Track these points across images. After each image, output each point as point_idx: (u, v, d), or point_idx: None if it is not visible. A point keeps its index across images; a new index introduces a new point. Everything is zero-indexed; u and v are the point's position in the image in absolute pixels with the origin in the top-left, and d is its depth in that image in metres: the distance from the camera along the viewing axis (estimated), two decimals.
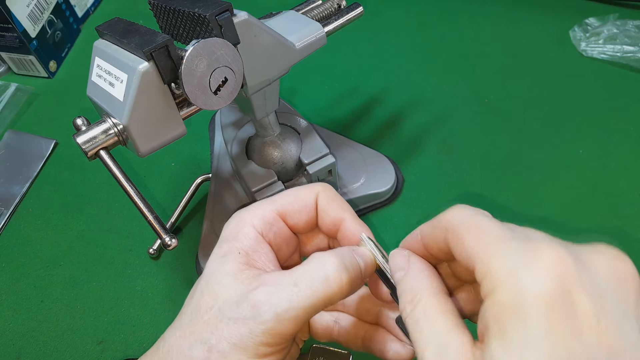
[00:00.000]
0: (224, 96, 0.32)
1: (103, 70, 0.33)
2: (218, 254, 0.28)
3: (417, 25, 0.70)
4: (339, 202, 0.30)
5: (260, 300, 0.25)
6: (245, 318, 0.24)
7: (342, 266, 0.26)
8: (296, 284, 0.25)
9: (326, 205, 0.29)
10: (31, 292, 0.48)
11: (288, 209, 0.29)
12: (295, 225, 0.30)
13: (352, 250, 0.28)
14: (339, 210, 0.29)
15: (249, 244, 0.28)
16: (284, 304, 0.24)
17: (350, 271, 0.26)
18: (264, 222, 0.28)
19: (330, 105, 0.61)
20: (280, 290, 0.25)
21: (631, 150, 0.53)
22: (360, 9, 0.41)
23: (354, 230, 0.29)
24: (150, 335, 0.45)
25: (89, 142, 0.32)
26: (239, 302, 0.25)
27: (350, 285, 0.26)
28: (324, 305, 0.25)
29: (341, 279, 0.25)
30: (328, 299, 0.25)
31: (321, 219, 0.30)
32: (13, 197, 0.55)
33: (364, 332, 0.32)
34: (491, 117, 0.58)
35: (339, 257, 0.26)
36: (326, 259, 0.26)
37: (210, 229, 0.48)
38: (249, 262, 0.27)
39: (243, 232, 0.28)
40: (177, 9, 0.33)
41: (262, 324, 0.24)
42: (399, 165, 0.54)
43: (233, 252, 0.27)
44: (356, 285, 0.27)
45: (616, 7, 0.67)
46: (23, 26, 0.63)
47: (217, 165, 0.52)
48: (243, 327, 0.24)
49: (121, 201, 0.54)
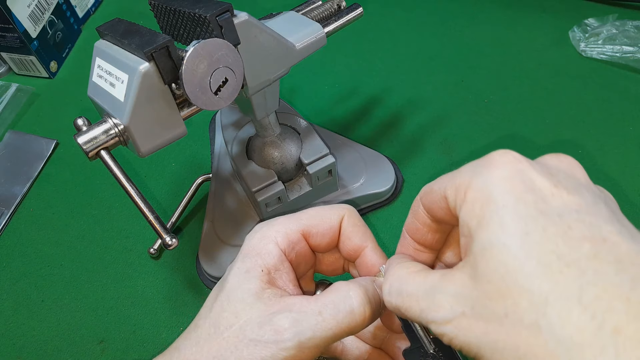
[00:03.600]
0: (225, 97, 0.32)
1: (104, 71, 0.33)
2: (241, 269, 0.27)
3: (417, 25, 0.70)
4: (363, 230, 0.30)
5: (283, 326, 0.24)
6: (267, 342, 0.24)
7: (366, 299, 0.26)
8: (321, 313, 0.25)
9: (350, 232, 0.29)
10: (32, 292, 0.48)
11: (312, 230, 0.29)
12: (318, 246, 0.30)
13: (374, 281, 0.28)
14: (362, 237, 0.29)
15: (272, 262, 0.27)
16: (308, 333, 0.24)
17: (372, 304, 0.26)
18: (288, 240, 0.28)
19: (330, 105, 0.61)
20: (304, 319, 0.25)
21: (631, 150, 0.53)
22: (360, 10, 0.41)
23: (374, 260, 0.29)
24: (150, 335, 0.45)
25: (89, 142, 0.32)
26: (262, 324, 0.25)
27: (372, 318, 0.26)
28: (345, 336, 0.25)
29: (365, 311, 0.25)
30: (350, 330, 0.25)
31: (343, 243, 0.30)
32: (14, 197, 0.55)
33: (368, 355, 0.32)
34: (491, 117, 0.58)
35: (363, 289, 0.26)
36: (352, 291, 0.26)
37: (211, 229, 0.48)
38: (270, 280, 0.27)
39: (267, 249, 0.28)
40: (178, 10, 0.33)
41: (284, 351, 0.24)
42: (399, 165, 0.54)
43: (256, 269, 0.27)
44: (376, 317, 0.27)
45: (615, 8, 0.67)
46: (24, 26, 0.63)
47: (217, 165, 0.52)
48: (265, 351, 0.24)
49: (122, 201, 0.54)
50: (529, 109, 0.58)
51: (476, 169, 0.21)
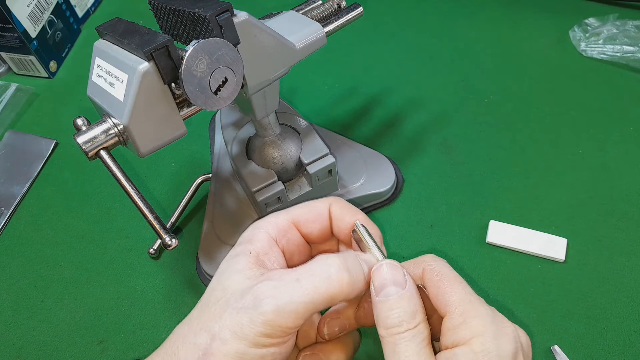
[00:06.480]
0: (224, 96, 0.32)
1: (103, 71, 0.33)
2: (231, 255, 0.29)
3: (417, 25, 0.70)
4: (352, 210, 0.32)
5: (263, 292, 0.26)
6: (247, 308, 0.25)
7: (345, 266, 0.27)
8: (298, 280, 0.26)
9: (340, 213, 0.31)
10: (31, 292, 0.48)
11: (302, 218, 0.31)
12: (309, 234, 0.32)
13: (357, 255, 0.29)
14: (352, 214, 0.31)
15: (261, 246, 0.29)
16: (285, 298, 0.25)
17: (352, 272, 0.27)
18: (278, 229, 0.30)
19: (330, 105, 0.61)
20: (282, 285, 0.26)
21: (631, 151, 0.53)
22: (360, 9, 0.41)
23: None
24: (150, 334, 0.45)
25: (89, 142, 0.32)
26: (244, 293, 0.26)
27: (351, 287, 0.27)
28: (325, 303, 0.26)
29: (342, 278, 0.27)
30: (329, 296, 0.26)
31: (337, 227, 0.32)
32: (13, 197, 0.55)
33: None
34: (491, 117, 0.58)
35: (342, 258, 0.28)
36: (330, 259, 0.27)
37: (211, 229, 0.48)
38: (258, 262, 0.29)
39: (257, 237, 0.30)
40: (178, 9, 0.33)
41: (262, 315, 0.25)
42: (399, 165, 0.54)
43: (245, 252, 0.29)
44: (357, 288, 0.28)
45: (616, 7, 0.67)
46: (23, 26, 0.63)
47: (217, 165, 0.52)
48: (244, 317, 0.25)
49: (121, 201, 0.54)
50: (529, 109, 0.58)
51: (491, 321, 0.27)
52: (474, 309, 0.27)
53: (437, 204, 0.51)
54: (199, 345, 0.26)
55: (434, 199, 0.51)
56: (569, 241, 0.47)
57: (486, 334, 0.26)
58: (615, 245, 0.47)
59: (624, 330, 0.42)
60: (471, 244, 0.48)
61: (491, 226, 0.48)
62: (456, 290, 0.27)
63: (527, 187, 0.51)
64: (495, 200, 0.51)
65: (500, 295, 0.45)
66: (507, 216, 0.49)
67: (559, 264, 0.46)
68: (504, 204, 0.50)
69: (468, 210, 0.50)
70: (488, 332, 0.26)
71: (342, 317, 0.32)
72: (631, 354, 0.41)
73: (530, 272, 0.46)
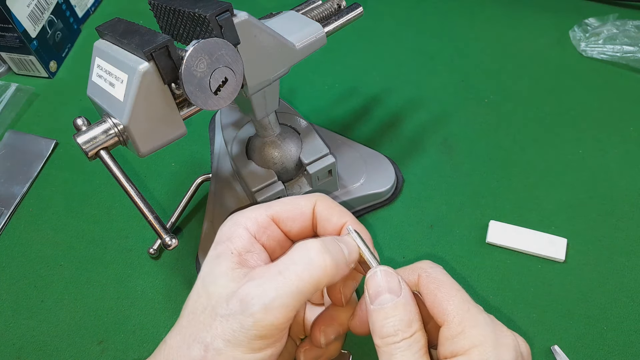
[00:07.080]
0: (224, 96, 0.32)
1: (103, 71, 0.33)
2: (212, 256, 0.28)
3: (417, 25, 0.70)
4: (339, 209, 0.31)
5: (248, 293, 0.25)
6: (235, 313, 0.25)
7: (324, 248, 0.26)
8: (280, 272, 0.26)
9: (327, 213, 0.30)
10: (31, 292, 0.48)
11: (282, 215, 0.30)
12: (289, 232, 0.31)
13: (336, 238, 0.28)
14: (339, 216, 0.30)
15: (242, 245, 0.28)
16: (271, 294, 0.25)
17: (333, 254, 0.27)
18: (258, 225, 0.29)
19: (330, 105, 0.61)
20: (266, 282, 0.25)
21: (631, 151, 0.53)
22: (360, 9, 0.41)
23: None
24: (150, 335, 0.45)
25: (89, 142, 0.32)
26: (229, 299, 0.26)
27: (335, 269, 0.26)
28: (311, 289, 0.26)
29: (324, 259, 0.26)
30: (314, 281, 0.26)
31: (323, 228, 0.30)
32: (13, 197, 0.55)
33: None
34: (491, 117, 0.58)
35: (321, 241, 0.27)
36: (309, 244, 0.27)
37: (211, 229, 0.48)
38: (241, 261, 0.28)
39: (237, 234, 0.29)
40: (178, 9, 0.33)
41: (251, 317, 0.25)
42: (399, 165, 0.54)
43: (226, 252, 0.28)
44: (341, 270, 0.27)
45: (616, 7, 0.67)
46: (23, 26, 0.63)
47: (217, 165, 0.52)
48: (234, 323, 0.25)
49: (121, 201, 0.54)
50: (529, 109, 0.58)
51: (490, 331, 0.26)
52: (473, 317, 0.26)
53: (437, 204, 0.51)
54: (193, 358, 0.25)
55: (433, 199, 0.51)
56: (569, 241, 0.47)
57: (486, 343, 0.25)
58: (615, 245, 0.47)
59: (624, 330, 0.42)
60: (471, 244, 0.48)
61: (491, 226, 0.48)
62: (454, 298, 0.27)
63: (527, 187, 0.51)
64: (495, 200, 0.51)
65: (500, 295, 0.45)
66: (507, 216, 0.49)
67: (559, 264, 0.46)
68: (504, 204, 0.50)
69: (468, 210, 0.50)
70: (487, 341, 0.25)
71: (336, 324, 0.32)
72: (631, 354, 0.41)
73: (530, 272, 0.46)
